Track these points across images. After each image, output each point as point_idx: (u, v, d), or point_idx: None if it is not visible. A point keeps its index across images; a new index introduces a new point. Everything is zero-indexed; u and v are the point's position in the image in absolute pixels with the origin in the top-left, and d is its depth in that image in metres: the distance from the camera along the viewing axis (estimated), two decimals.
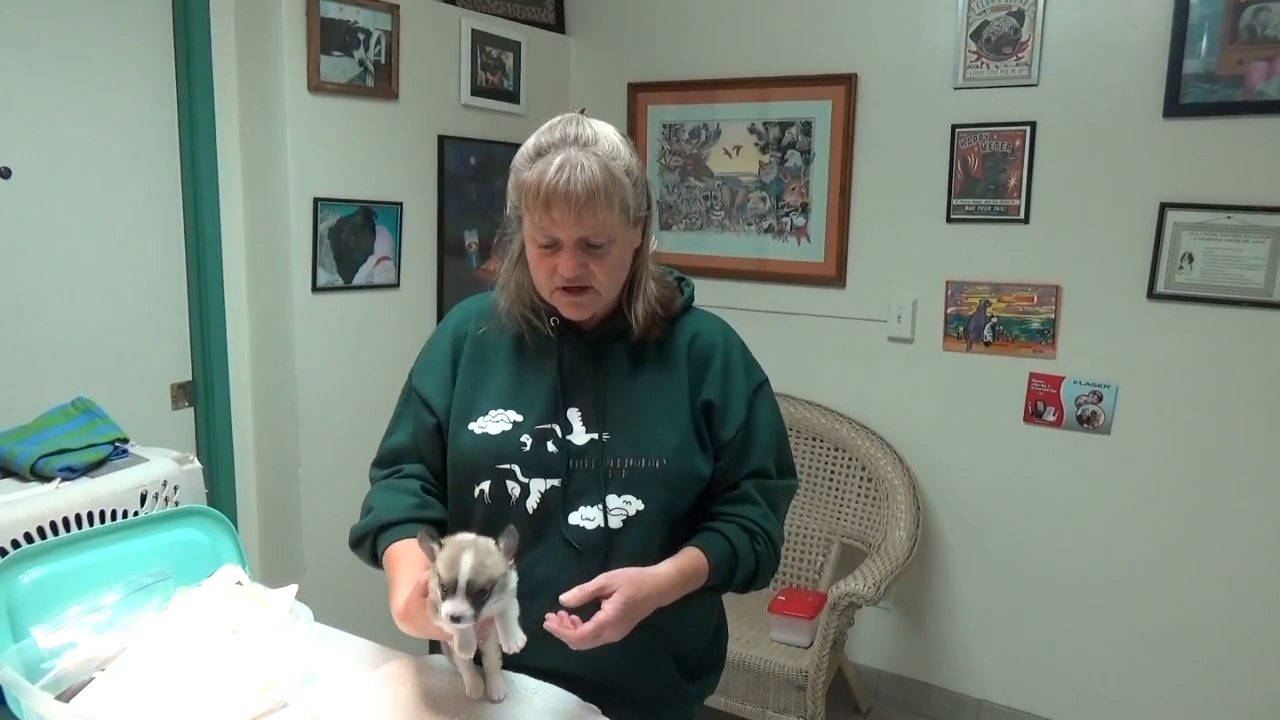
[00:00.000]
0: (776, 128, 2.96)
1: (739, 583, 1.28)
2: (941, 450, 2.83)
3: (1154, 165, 2.45)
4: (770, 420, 1.34)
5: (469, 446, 1.26)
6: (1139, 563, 2.60)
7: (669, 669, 1.31)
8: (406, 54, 2.66)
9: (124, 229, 2.31)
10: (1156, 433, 2.53)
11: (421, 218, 2.80)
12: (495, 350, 1.31)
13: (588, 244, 1.17)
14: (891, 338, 2.87)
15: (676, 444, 1.25)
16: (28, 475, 1.25)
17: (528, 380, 1.28)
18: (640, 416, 1.26)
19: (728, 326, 1.38)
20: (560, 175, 1.13)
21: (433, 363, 1.34)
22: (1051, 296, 2.61)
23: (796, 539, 2.90)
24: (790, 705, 2.43)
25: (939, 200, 2.73)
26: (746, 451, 1.30)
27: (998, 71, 2.60)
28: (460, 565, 1.02)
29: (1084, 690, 2.71)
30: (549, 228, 1.16)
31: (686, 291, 1.35)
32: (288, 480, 2.55)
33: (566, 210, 1.14)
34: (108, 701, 1.01)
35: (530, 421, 1.25)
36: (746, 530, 1.28)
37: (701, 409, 1.28)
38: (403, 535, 1.23)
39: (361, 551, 1.29)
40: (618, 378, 1.28)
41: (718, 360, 1.31)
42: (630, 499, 1.23)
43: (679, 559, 1.23)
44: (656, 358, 1.30)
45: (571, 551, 1.22)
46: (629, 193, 1.19)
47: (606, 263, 1.20)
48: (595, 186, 1.14)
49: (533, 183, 1.15)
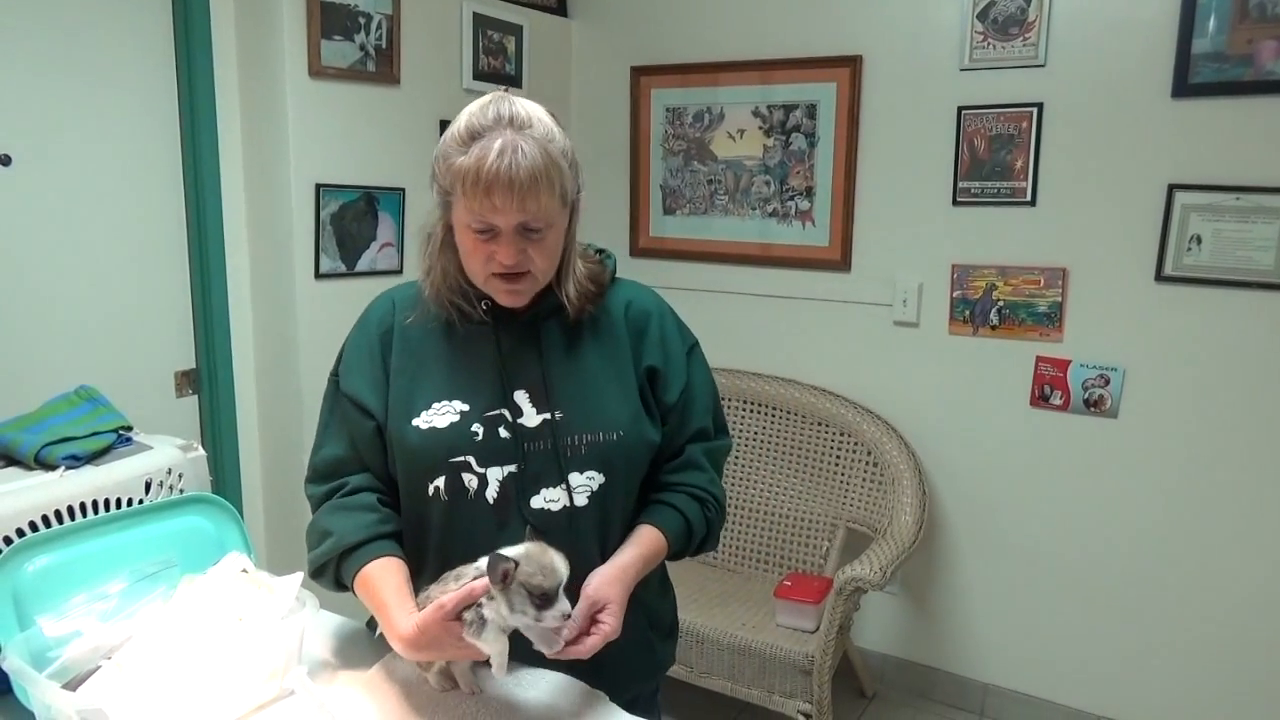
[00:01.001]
0: (781, 110, 2.94)
1: (692, 548, 1.33)
2: (947, 435, 2.82)
3: (1162, 146, 2.42)
4: (705, 381, 1.36)
5: (417, 443, 1.21)
6: (1146, 547, 2.59)
7: (644, 630, 1.33)
8: (408, 38, 2.64)
9: (125, 217, 2.30)
10: (1164, 416, 2.52)
11: (424, 203, 2.76)
12: (425, 341, 1.26)
13: (526, 229, 1.15)
14: (897, 322, 2.85)
15: (631, 415, 1.25)
16: (32, 464, 1.25)
17: (467, 367, 1.25)
18: (589, 391, 1.25)
19: (655, 292, 1.38)
20: (501, 160, 1.09)
21: (359, 362, 1.28)
22: (1058, 279, 2.59)
23: (801, 524, 2.90)
24: (796, 690, 2.44)
25: (945, 183, 2.71)
26: (688, 413, 1.32)
27: (1004, 52, 2.57)
28: (558, 567, 1.06)
29: (1090, 673, 2.71)
30: (488, 214, 1.12)
31: (610, 263, 1.33)
32: (292, 468, 2.55)
33: (509, 196, 1.10)
34: (114, 690, 1.01)
35: (478, 409, 1.22)
36: (697, 499, 1.31)
37: (645, 375, 1.29)
38: (371, 556, 1.20)
39: (324, 580, 1.25)
40: (559, 354, 1.26)
41: (654, 325, 1.32)
42: (593, 474, 1.23)
43: (640, 543, 1.25)
44: (593, 330, 1.28)
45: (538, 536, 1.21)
46: (566, 176, 1.16)
47: (544, 247, 1.17)
48: (537, 171, 1.11)
49: (470, 168, 1.11)
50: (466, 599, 1.05)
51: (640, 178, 3.23)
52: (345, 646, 1.31)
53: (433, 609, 1.06)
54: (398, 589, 1.16)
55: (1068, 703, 2.76)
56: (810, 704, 2.42)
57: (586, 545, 1.21)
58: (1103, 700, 2.71)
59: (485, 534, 1.21)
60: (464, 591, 1.05)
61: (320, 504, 1.28)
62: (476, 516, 1.21)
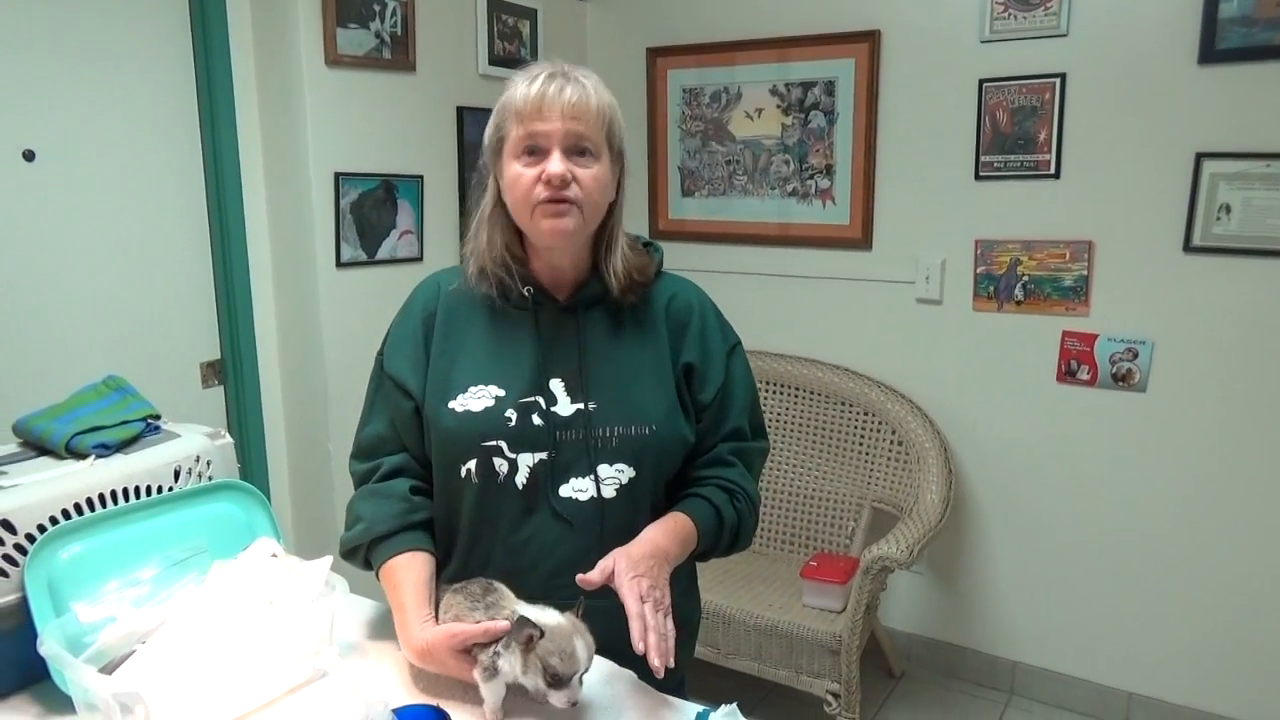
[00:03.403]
0: (799, 88, 2.91)
1: (724, 544, 1.29)
2: (973, 412, 2.80)
3: (1189, 114, 2.38)
4: (745, 381, 1.34)
5: (452, 426, 1.22)
6: (1176, 522, 2.56)
7: None
8: (423, 24, 2.63)
9: (148, 210, 2.31)
10: (1194, 389, 2.49)
11: (443, 190, 2.78)
12: (467, 325, 1.28)
13: (575, 150, 1.16)
14: (920, 299, 2.83)
15: (664, 410, 1.25)
16: (63, 453, 1.26)
17: (505, 353, 1.25)
18: (625, 383, 1.25)
19: (700, 288, 1.37)
20: (551, 83, 1.16)
21: (403, 343, 1.30)
22: (1084, 253, 2.56)
23: (827, 503, 2.89)
24: (824, 670, 2.43)
25: (967, 157, 2.68)
26: (724, 412, 1.30)
27: (1026, 23, 2.53)
28: (579, 655, 1.03)
29: (1119, 650, 2.69)
30: (538, 130, 1.15)
31: (657, 256, 1.33)
32: (318, 455, 2.57)
33: (559, 112, 1.15)
34: (149, 673, 1.02)
35: (513, 395, 1.23)
36: (725, 490, 1.29)
37: (682, 371, 1.28)
38: (398, 548, 1.23)
39: (354, 562, 1.29)
40: (597, 345, 1.26)
41: (695, 322, 1.31)
42: (623, 467, 1.23)
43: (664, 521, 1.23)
44: (634, 323, 1.28)
45: (563, 524, 1.21)
46: (613, 119, 1.21)
47: (591, 174, 1.18)
48: (588, 97, 1.17)
49: (522, 92, 1.17)
50: (482, 637, 1.06)
51: (658, 160, 3.21)
52: (375, 629, 1.32)
53: (446, 634, 1.08)
54: (416, 589, 1.18)
55: (1097, 680, 2.74)
56: (838, 683, 2.42)
57: (613, 537, 1.20)
58: (1132, 677, 2.68)
59: (513, 518, 1.22)
60: (481, 629, 1.07)
61: (360, 483, 1.32)
62: (505, 501, 1.22)
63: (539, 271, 1.27)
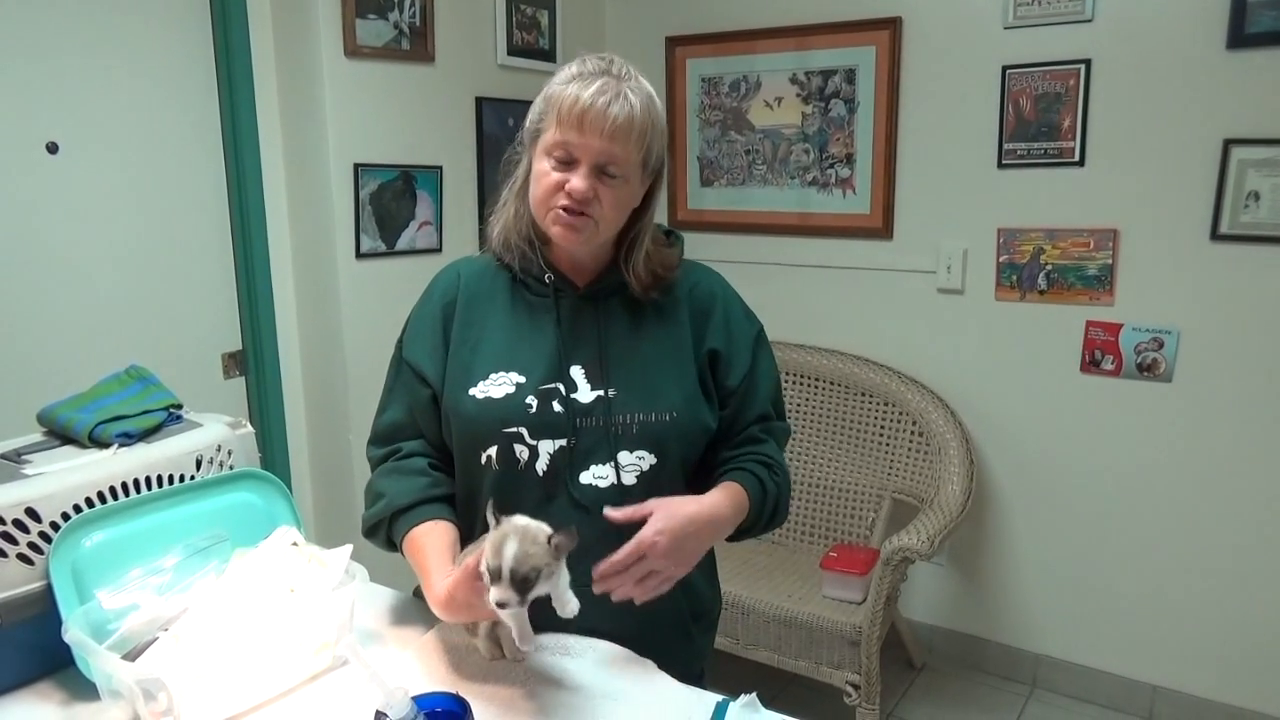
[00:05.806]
0: (819, 77, 2.89)
1: (765, 516, 1.29)
2: (995, 403, 2.77)
3: (1217, 100, 2.34)
4: (769, 367, 1.35)
5: (472, 413, 1.23)
6: (1202, 514, 2.53)
7: (683, 617, 1.31)
8: (441, 15, 2.63)
9: (170, 202, 2.33)
10: (1221, 379, 2.45)
11: (462, 181, 2.78)
12: (488, 312, 1.28)
13: (603, 170, 1.16)
14: (941, 289, 2.80)
15: (685, 397, 1.25)
16: (86, 442, 1.27)
17: (526, 340, 1.26)
18: (646, 370, 1.25)
19: (720, 275, 1.37)
20: (600, 97, 1.14)
21: (422, 330, 1.30)
22: (1109, 241, 2.52)
23: (848, 494, 2.88)
24: (844, 661, 2.43)
25: (989, 145, 2.65)
26: (750, 398, 1.31)
27: (1050, 8, 2.50)
28: (504, 553, 1.01)
29: (1143, 642, 2.66)
30: (574, 141, 1.15)
31: (678, 246, 1.33)
32: (339, 445, 2.59)
33: (598, 131, 1.13)
34: (172, 660, 1.03)
35: (534, 382, 1.23)
36: (763, 464, 1.29)
37: (707, 357, 1.28)
38: (420, 519, 1.23)
39: (376, 539, 1.29)
40: (618, 331, 1.26)
41: (719, 308, 1.31)
42: (643, 454, 1.23)
43: (720, 490, 1.23)
44: (655, 310, 1.28)
45: (583, 511, 1.21)
46: (655, 137, 1.19)
47: (615, 196, 1.18)
48: (633, 118, 1.15)
49: (569, 95, 1.15)
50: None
51: (677, 150, 3.19)
52: (395, 617, 1.32)
53: (461, 572, 1.07)
54: (440, 553, 1.17)
55: (1121, 672, 2.71)
56: (858, 675, 2.41)
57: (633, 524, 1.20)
58: (1156, 670, 2.66)
59: (533, 505, 1.21)
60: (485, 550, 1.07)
61: (377, 467, 1.32)
62: (525, 488, 1.22)
63: (559, 259, 1.28)
